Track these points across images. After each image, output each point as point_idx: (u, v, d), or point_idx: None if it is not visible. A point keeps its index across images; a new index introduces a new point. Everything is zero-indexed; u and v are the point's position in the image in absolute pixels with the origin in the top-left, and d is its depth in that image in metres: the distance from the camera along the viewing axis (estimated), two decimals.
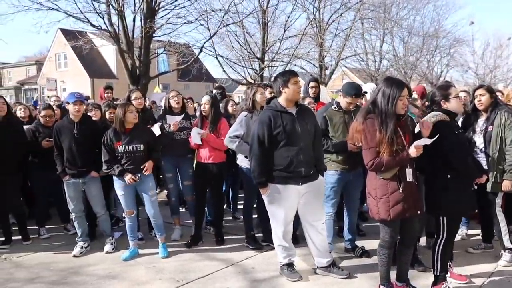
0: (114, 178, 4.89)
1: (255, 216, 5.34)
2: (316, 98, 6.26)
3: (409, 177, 3.50)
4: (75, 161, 5.02)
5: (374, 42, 28.23)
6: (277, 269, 4.40)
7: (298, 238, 4.90)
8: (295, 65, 22.67)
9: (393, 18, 25.55)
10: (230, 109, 6.18)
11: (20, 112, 6.35)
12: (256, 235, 5.21)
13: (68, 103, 5.13)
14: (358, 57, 26.78)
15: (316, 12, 22.21)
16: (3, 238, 5.50)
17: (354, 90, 4.51)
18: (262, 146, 4.02)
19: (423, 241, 4.83)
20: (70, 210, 5.22)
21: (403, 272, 3.78)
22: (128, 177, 4.76)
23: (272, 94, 7.12)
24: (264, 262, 4.69)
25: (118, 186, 4.89)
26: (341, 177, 4.58)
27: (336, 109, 4.59)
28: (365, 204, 5.94)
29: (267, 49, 21.59)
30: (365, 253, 4.71)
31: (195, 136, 5.07)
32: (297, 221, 4.39)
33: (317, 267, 4.34)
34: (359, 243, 4.87)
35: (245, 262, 4.72)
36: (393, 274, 3.76)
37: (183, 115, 5.44)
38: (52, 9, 15.01)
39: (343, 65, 26.14)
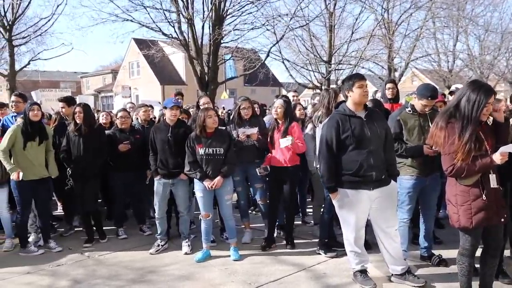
0: (195, 180, 5.06)
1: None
2: (394, 99, 6.12)
3: (493, 183, 3.30)
4: (167, 162, 5.25)
5: (447, 42, 27.07)
6: (349, 275, 4.32)
7: (369, 244, 4.79)
8: (363, 67, 22.31)
9: (467, 16, 24.28)
10: (297, 113, 6.19)
11: (102, 119, 6.71)
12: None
13: (165, 107, 5.41)
14: (430, 57, 25.79)
15: (384, 12, 21.67)
16: (86, 237, 5.84)
17: (430, 92, 4.34)
18: (330, 151, 3.98)
19: (507, 251, 4.54)
20: (155, 209, 5.46)
21: (486, 285, 3.56)
22: (207, 183, 4.93)
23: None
24: (336, 268, 4.62)
25: (198, 188, 5.06)
26: (417, 182, 4.41)
27: (411, 112, 4.44)
28: (441, 211, 5.76)
29: (334, 52, 21.37)
30: (443, 262, 4.51)
31: (284, 141, 5.12)
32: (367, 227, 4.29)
33: (392, 274, 4.21)
34: (435, 251, 4.67)
35: (316, 267, 4.68)
36: (475, 286, 3.56)
37: (257, 127, 5.43)
38: (127, 20, 15.83)
39: (413, 67, 25.31)
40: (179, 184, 5.31)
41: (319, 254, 5.02)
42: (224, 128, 5.28)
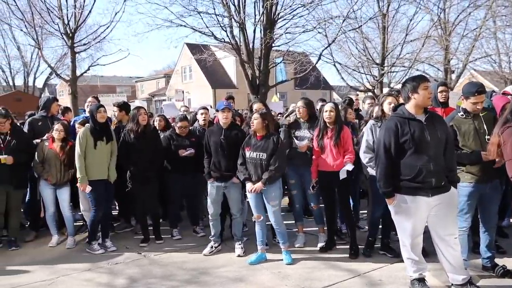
0: (246, 182, 5.10)
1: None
2: (445, 104, 5.89)
3: None
4: (219, 165, 5.33)
5: (509, 42, 25.67)
6: (405, 283, 4.20)
7: (427, 251, 4.62)
8: (417, 69, 21.63)
9: None
10: (348, 117, 6.11)
11: (156, 124, 6.88)
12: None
13: (217, 110, 5.51)
14: (490, 58, 24.54)
15: (441, 13, 20.94)
16: (143, 237, 6.01)
17: (475, 87, 4.16)
18: (388, 155, 3.88)
19: None
20: (209, 212, 5.55)
21: None
22: (248, 186, 4.97)
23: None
24: (392, 275, 4.50)
25: (248, 190, 5.09)
26: (476, 189, 4.21)
27: (464, 116, 4.25)
28: (505, 220, 5.48)
29: (387, 54, 20.90)
30: (508, 273, 4.28)
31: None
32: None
33: (452, 284, 4.04)
34: (498, 261, 4.45)
35: (371, 274, 4.58)
36: None
37: (307, 139, 5.41)
38: (181, 25, 16.21)
39: (472, 68, 24.24)
40: (231, 187, 5.35)
41: (365, 255, 5.03)
42: (275, 134, 5.20)
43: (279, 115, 10.15)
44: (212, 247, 5.49)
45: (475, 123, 4.20)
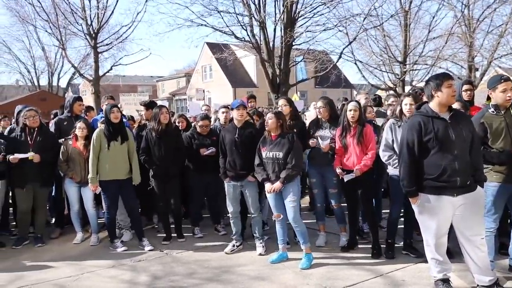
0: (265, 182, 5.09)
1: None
2: (471, 102, 5.78)
3: None
4: (234, 163, 5.35)
5: None
6: (429, 283, 4.15)
7: (452, 252, 4.54)
8: (440, 67, 21.26)
9: None
10: (368, 116, 6.09)
11: (178, 124, 6.89)
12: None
13: (232, 109, 5.52)
14: None
15: (464, 9, 20.51)
16: (165, 235, 6.07)
17: (499, 76, 4.12)
18: (411, 153, 3.84)
19: None
20: (228, 211, 5.58)
21: None
22: (267, 186, 4.97)
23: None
24: (415, 275, 4.45)
25: (266, 191, 5.08)
26: (504, 189, 4.12)
27: (495, 112, 4.16)
28: None
29: (409, 52, 20.61)
30: None
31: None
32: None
33: (477, 285, 3.96)
34: None
35: (394, 274, 4.53)
36: None
37: (329, 139, 5.36)
38: (202, 25, 16.33)
39: (497, 65, 23.70)
40: (248, 186, 5.36)
41: (387, 257, 4.97)
42: (290, 132, 5.13)
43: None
44: (233, 245, 5.51)
45: (506, 120, 4.10)
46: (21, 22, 30.44)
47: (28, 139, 5.95)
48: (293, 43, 16.69)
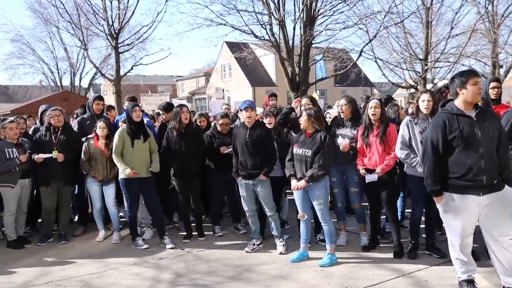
0: (291, 179, 5.07)
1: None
2: (498, 100, 5.66)
3: None
4: (246, 163, 5.37)
5: None
6: (453, 284, 4.08)
7: (477, 253, 4.46)
8: (463, 64, 20.89)
9: None
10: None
11: (199, 123, 6.88)
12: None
13: (241, 110, 5.53)
14: None
15: (488, 5, 20.13)
16: (185, 233, 6.10)
17: None
18: (436, 152, 3.78)
19: None
20: (245, 210, 5.59)
21: None
22: (293, 183, 4.96)
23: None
24: (439, 276, 4.38)
25: (292, 188, 5.07)
26: None
27: None
28: None
29: (430, 49, 20.33)
30: None
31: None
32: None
33: (503, 286, 3.88)
34: None
35: (417, 274, 4.48)
36: None
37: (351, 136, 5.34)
38: (221, 24, 16.36)
39: None
40: (260, 184, 5.36)
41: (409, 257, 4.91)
42: (324, 131, 5.04)
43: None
44: (254, 244, 5.51)
45: None
46: (44, 23, 31.23)
47: (52, 138, 6.07)
48: (313, 42, 16.57)
